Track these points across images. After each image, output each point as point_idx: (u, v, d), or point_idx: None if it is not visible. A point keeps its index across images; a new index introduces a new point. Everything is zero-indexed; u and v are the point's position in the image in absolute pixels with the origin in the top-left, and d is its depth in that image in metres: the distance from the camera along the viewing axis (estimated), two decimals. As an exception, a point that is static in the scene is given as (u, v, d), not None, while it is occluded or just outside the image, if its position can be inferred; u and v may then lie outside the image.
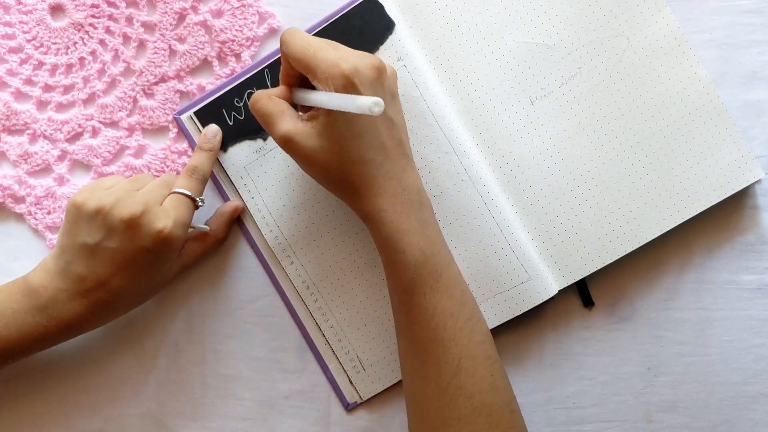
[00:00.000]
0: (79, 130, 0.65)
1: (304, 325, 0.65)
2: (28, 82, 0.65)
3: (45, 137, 0.65)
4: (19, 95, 0.65)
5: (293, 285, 0.64)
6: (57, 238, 0.60)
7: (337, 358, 0.64)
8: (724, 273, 0.65)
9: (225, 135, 0.63)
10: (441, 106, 0.63)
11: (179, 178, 0.61)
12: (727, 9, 0.65)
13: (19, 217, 0.65)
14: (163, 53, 0.65)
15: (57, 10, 0.65)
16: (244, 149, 0.64)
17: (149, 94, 0.65)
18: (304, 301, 0.64)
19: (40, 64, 0.65)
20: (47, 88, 0.65)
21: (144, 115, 0.65)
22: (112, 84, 0.65)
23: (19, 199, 0.65)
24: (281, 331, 0.65)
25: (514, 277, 0.62)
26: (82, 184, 0.65)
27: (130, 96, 0.65)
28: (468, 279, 0.62)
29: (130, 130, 0.65)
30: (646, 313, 0.65)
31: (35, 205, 0.65)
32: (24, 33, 0.64)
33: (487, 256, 0.62)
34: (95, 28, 0.64)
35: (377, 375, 0.64)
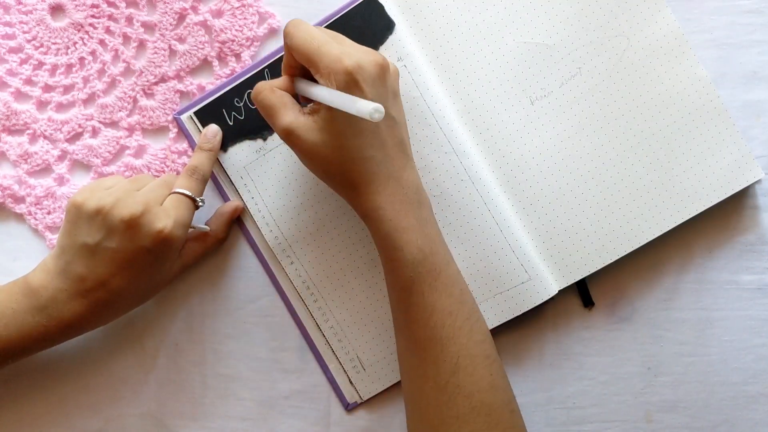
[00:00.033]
0: (79, 130, 0.65)
1: (304, 325, 0.65)
2: (28, 82, 0.65)
3: (45, 137, 0.65)
4: (19, 95, 0.65)
5: (293, 285, 0.64)
6: (57, 238, 0.60)
7: (337, 358, 0.64)
8: (724, 273, 0.65)
9: (225, 135, 0.63)
10: (441, 106, 0.63)
11: (179, 178, 0.61)
12: (727, 9, 0.65)
13: (19, 217, 0.65)
14: (163, 53, 0.65)
15: (57, 10, 0.65)
16: (244, 149, 0.64)
17: (149, 94, 0.65)
18: (304, 301, 0.64)
19: (40, 64, 0.65)
20: (47, 88, 0.65)
21: (144, 115, 0.65)
22: (112, 84, 0.65)
23: (19, 199, 0.65)
24: (281, 331, 0.65)
25: (514, 277, 0.62)
26: (82, 184, 0.65)
27: (130, 96, 0.65)
28: (468, 279, 0.62)
29: (130, 130, 0.65)
30: (646, 313, 0.65)
31: (35, 205, 0.65)
32: (24, 33, 0.64)
33: (487, 256, 0.62)
34: (95, 28, 0.64)
35: (377, 375, 0.64)
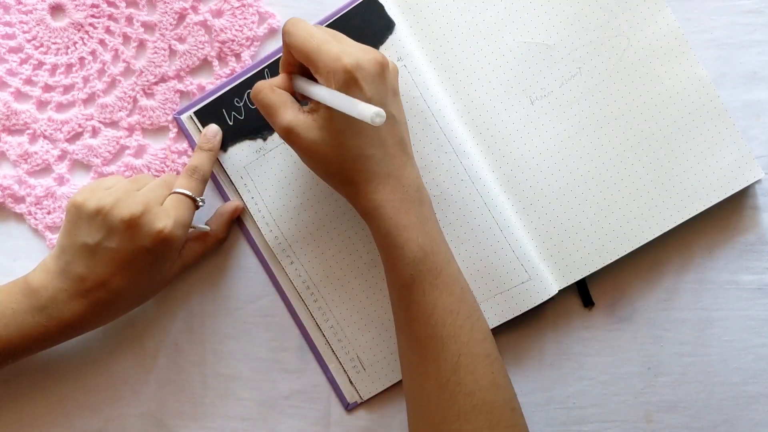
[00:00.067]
0: (79, 130, 0.65)
1: (304, 325, 0.64)
2: (28, 82, 0.65)
3: (45, 137, 0.65)
4: (19, 95, 0.65)
5: (293, 285, 0.64)
6: (57, 238, 0.60)
7: (337, 358, 0.64)
8: (724, 273, 0.65)
9: (225, 135, 0.63)
10: (441, 106, 0.63)
11: (179, 178, 0.61)
12: (727, 9, 0.65)
13: (19, 217, 0.65)
14: (163, 53, 0.65)
15: (57, 10, 0.65)
16: (244, 149, 0.64)
17: (149, 94, 0.65)
18: (304, 301, 0.64)
19: (40, 64, 0.65)
20: (47, 88, 0.65)
21: (144, 115, 0.65)
22: (112, 84, 0.65)
23: (19, 199, 0.65)
24: (281, 331, 0.65)
25: (514, 277, 0.62)
26: (82, 184, 0.65)
27: (130, 96, 0.65)
28: (468, 279, 0.62)
29: (130, 130, 0.65)
30: (646, 313, 0.65)
31: (35, 205, 0.65)
32: (24, 33, 0.64)
33: (487, 255, 0.62)
34: (95, 28, 0.64)
35: (377, 375, 0.64)
